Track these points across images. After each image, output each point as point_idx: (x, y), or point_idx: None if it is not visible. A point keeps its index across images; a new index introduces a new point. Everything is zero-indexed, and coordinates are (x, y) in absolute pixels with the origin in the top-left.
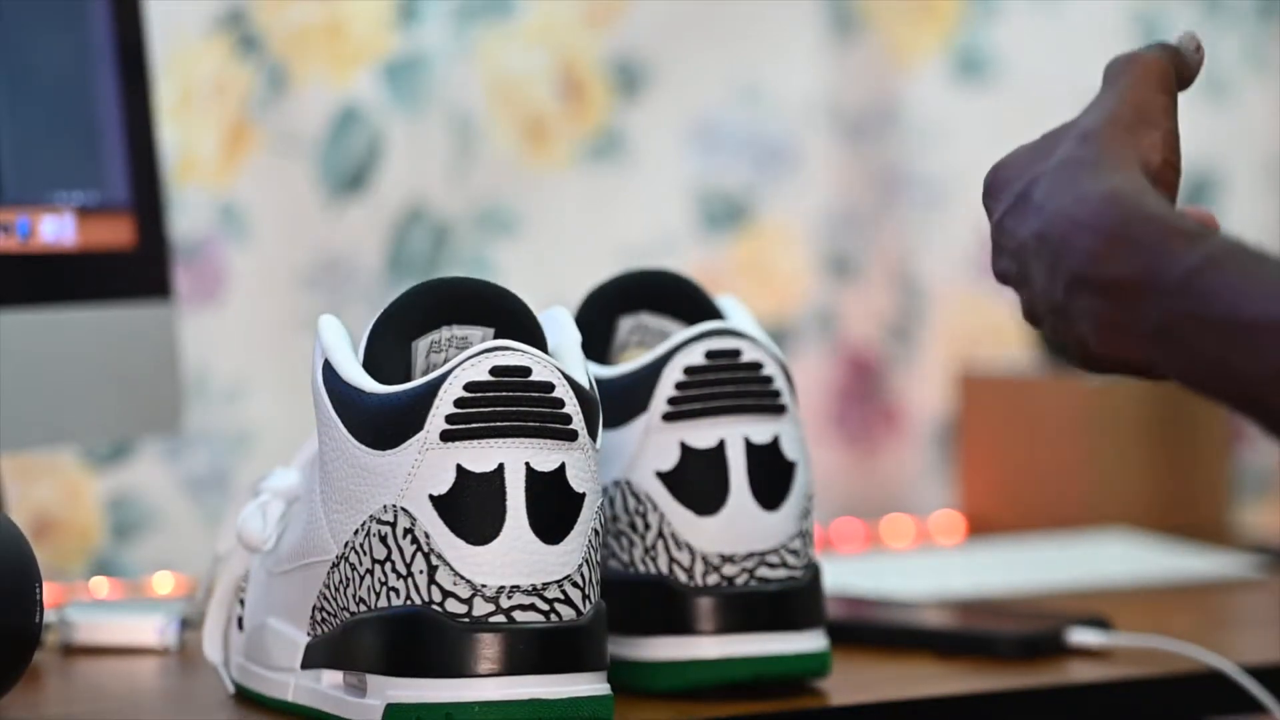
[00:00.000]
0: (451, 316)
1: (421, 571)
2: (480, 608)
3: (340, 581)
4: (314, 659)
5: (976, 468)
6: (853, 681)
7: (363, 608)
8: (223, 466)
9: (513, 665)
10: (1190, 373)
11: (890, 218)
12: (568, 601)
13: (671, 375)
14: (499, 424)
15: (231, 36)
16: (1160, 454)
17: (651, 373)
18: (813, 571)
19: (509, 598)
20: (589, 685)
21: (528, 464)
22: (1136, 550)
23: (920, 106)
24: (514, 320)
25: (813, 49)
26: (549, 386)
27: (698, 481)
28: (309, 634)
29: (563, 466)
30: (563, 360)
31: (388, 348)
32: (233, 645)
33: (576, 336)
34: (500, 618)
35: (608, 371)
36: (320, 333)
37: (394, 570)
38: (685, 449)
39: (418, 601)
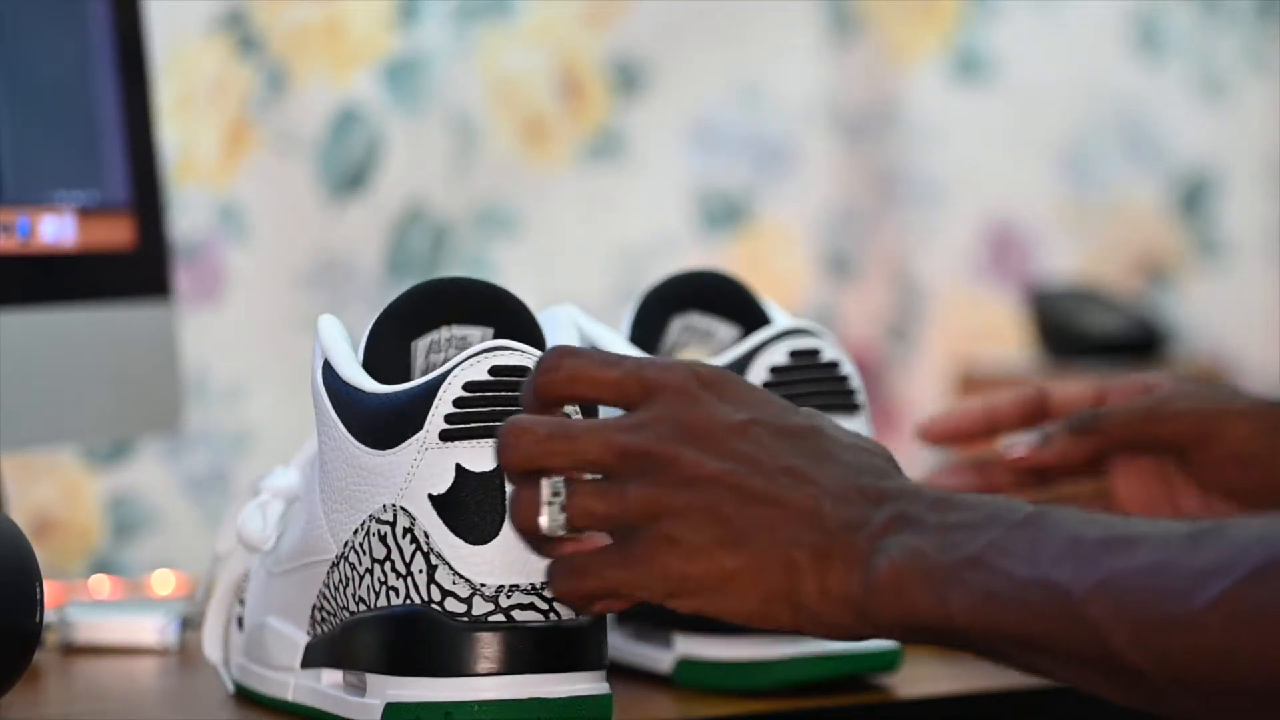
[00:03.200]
0: (451, 316)
1: (421, 571)
2: (479, 607)
3: (340, 581)
4: (314, 658)
5: None
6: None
7: (362, 607)
8: (222, 466)
9: (512, 664)
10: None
11: (889, 217)
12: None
13: (757, 375)
14: (499, 424)
15: (231, 37)
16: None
17: (735, 372)
18: None
19: (508, 597)
20: (589, 685)
21: None
22: None
23: (919, 106)
24: (514, 320)
25: (812, 49)
26: (521, 384)
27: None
28: (309, 633)
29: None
30: None
31: (388, 348)
32: (233, 645)
33: (575, 336)
34: (499, 617)
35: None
36: (320, 333)
37: (393, 570)
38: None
39: (417, 601)
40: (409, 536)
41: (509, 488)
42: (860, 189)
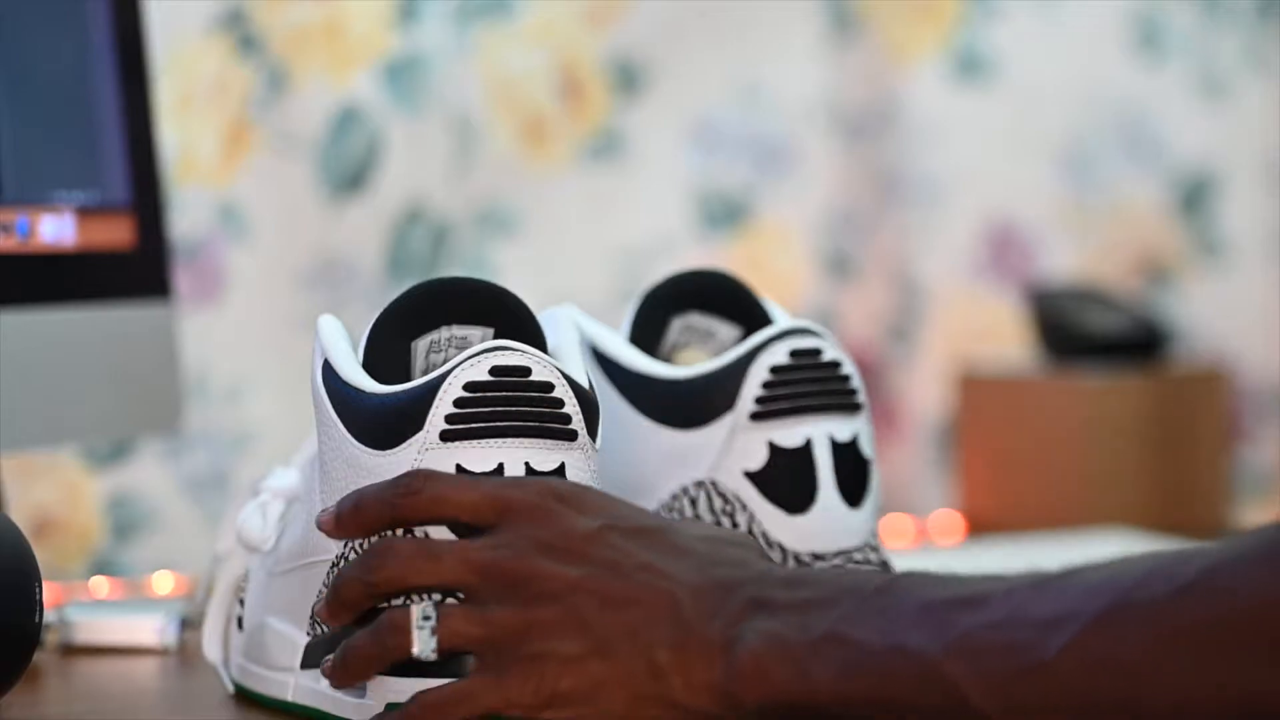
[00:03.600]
0: (451, 316)
1: None
2: None
3: None
4: (313, 658)
5: (975, 468)
6: None
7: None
8: (222, 466)
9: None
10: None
11: (889, 218)
12: None
13: (758, 375)
14: (499, 424)
15: (231, 36)
16: (1159, 454)
17: (735, 373)
18: (886, 567)
19: None
20: None
21: (527, 464)
22: (1135, 549)
23: (919, 106)
24: (513, 320)
25: (812, 49)
26: (549, 386)
27: (787, 480)
28: (309, 633)
29: (562, 466)
30: (562, 360)
31: (388, 348)
32: (233, 645)
33: (575, 336)
34: None
35: (680, 372)
36: (319, 333)
37: None
38: (774, 448)
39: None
40: (409, 537)
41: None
42: (860, 189)
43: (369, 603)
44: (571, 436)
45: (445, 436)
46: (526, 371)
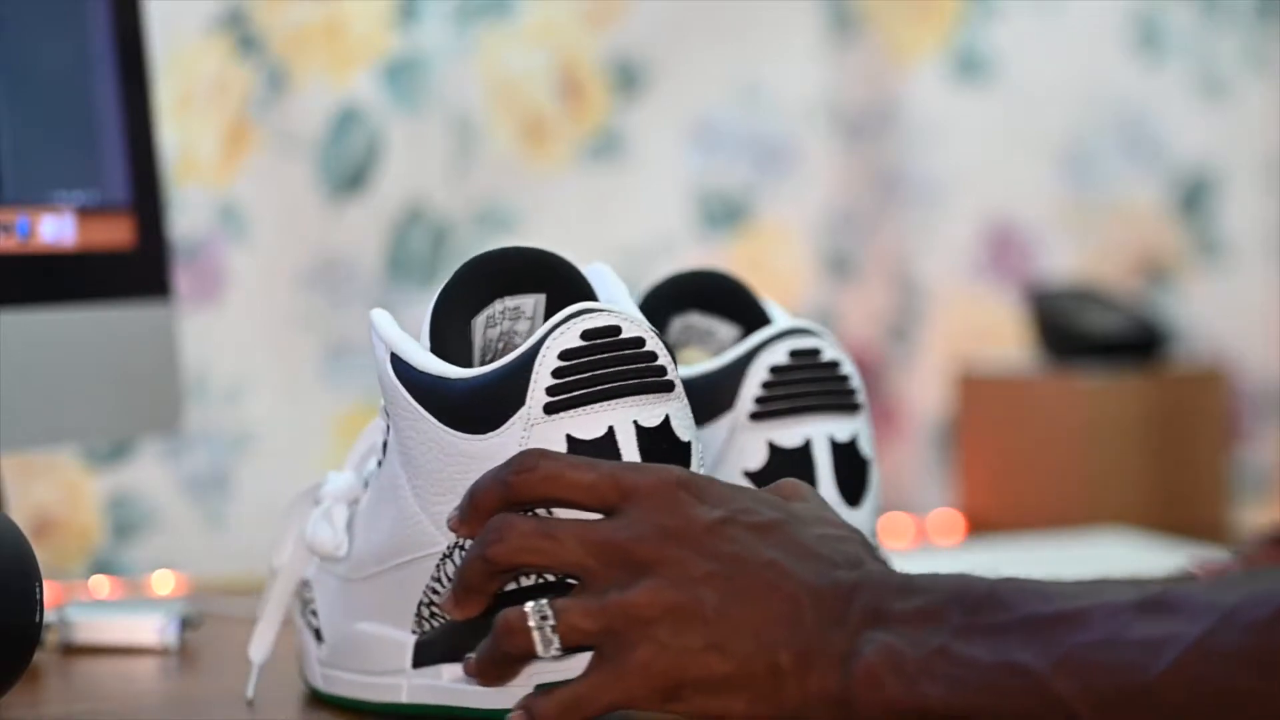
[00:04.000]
0: (503, 288)
1: None
2: None
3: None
4: (430, 655)
5: (975, 467)
6: None
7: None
8: (222, 466)
9: None
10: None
11: (889, 217)
12: None
13: (757, 375)
14: (601, 387)
15: (231, 36)
16: (1158, 453)
17: (735, 372)
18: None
19: None
20: None
21: (635, 422)
22: (1135, 549)
23: (919, 106)
24: (564, 283)
25: (812, 49)
26: (640, 342)
27: None
28: (415, 632)
29: (667, 418)
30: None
31: (449, 330)
32: (312, 656)
33: (624, 288)
34: None
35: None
36: (377, 328)
37: None
38: (773, 448)
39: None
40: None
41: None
42: (860, 189)
43: (493, 584)
44: (670, 388)
45: (549, 409)
46: (617, 330)
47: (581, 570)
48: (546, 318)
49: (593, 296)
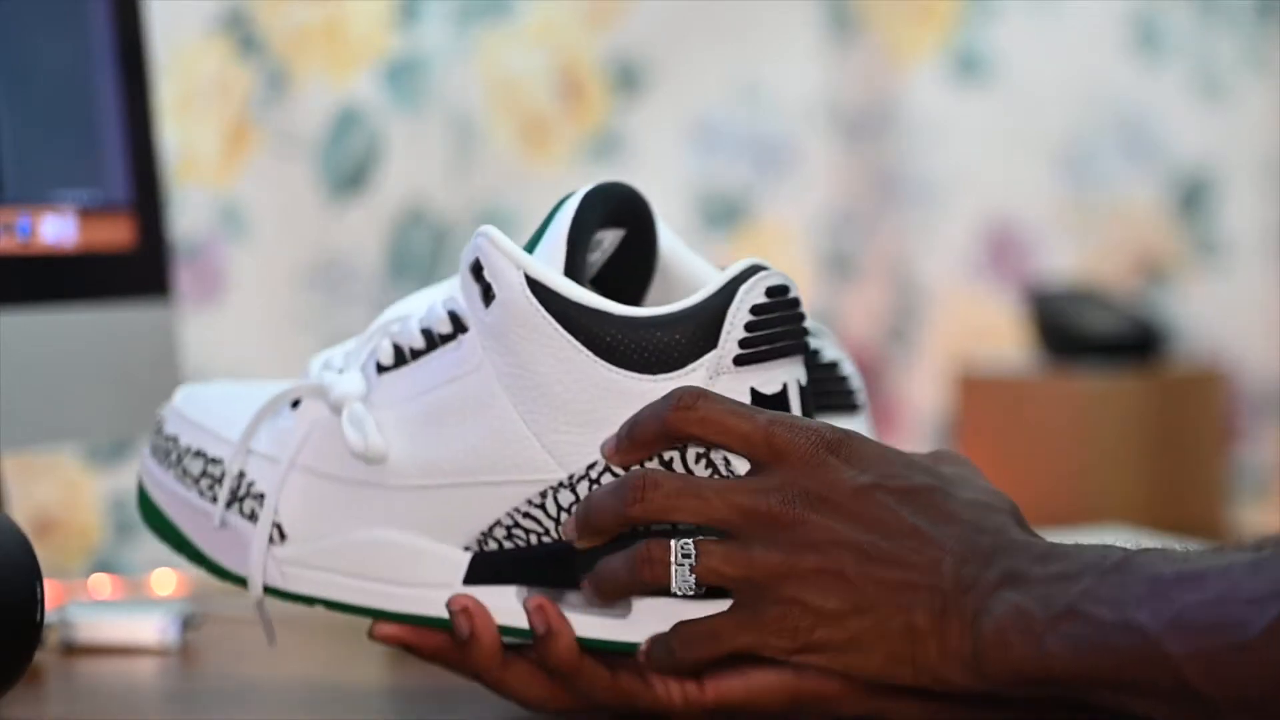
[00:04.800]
0: (603, 221)
1: None
2: None
3: (572, 503)
4: (487, 575)
5: None
6: None
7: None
8: None
9: None
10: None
11: (889, 218)
12: None
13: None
14: (781, 344)
15: (232, 37)
16: (1157, 453)
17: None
18: None
19: None
20: None
21: (799, 381)
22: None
23: (919, 106)
24: (642, 223)
25: (811, 49)
26: (799, 303)
27: None
28: (473, 549)
29: (811, 381)
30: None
31: (576, 259)
32: (260, 553)
33: (678, 240)
34: None
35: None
36: (505, 248)
37: None
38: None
39: None
40: (704, 461)
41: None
42: (859, 189)
43: (620, 529)
44: (809, 348)
45: (738, 360)
46: (787, 290)
47: (726, 527)
48: (619, 253)
49: (655, 241)
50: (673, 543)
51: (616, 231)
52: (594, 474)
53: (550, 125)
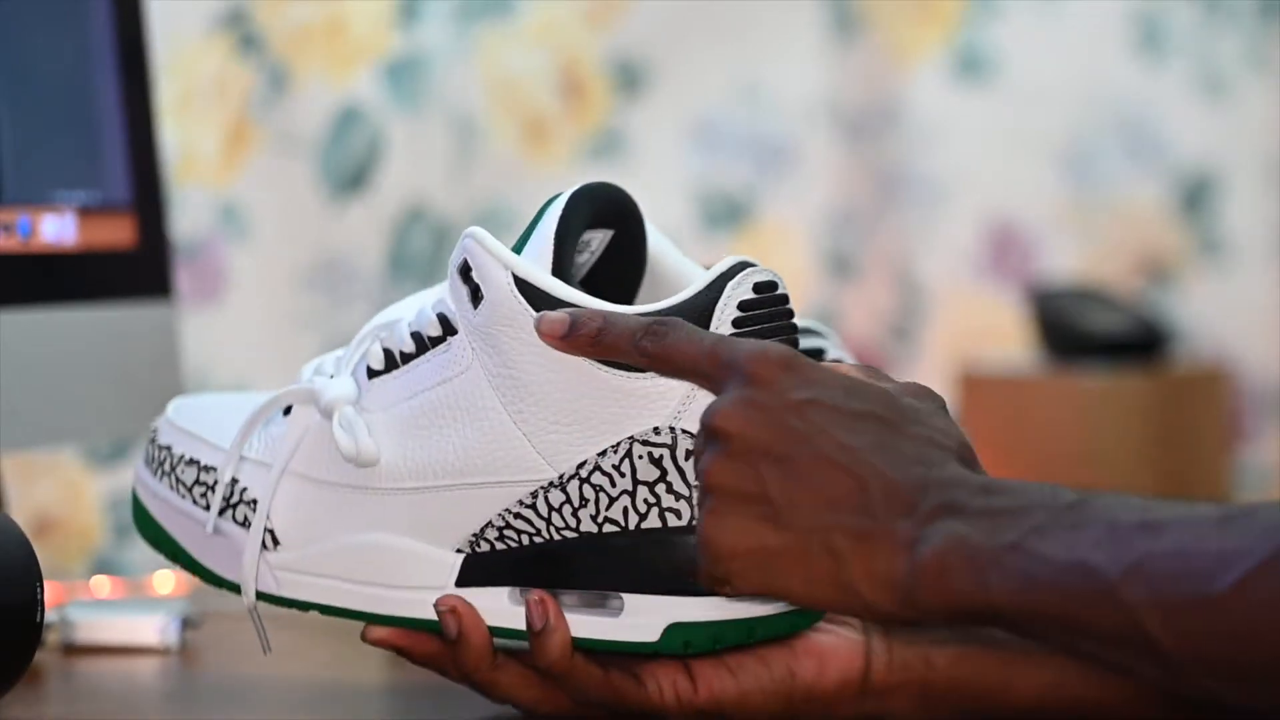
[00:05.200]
0: (590, 222)
1: None
2: None
3: (562, 502)
4: (479, 577)
5: None
6: None
7: (610, 527)
8: None
9: None
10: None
11: (890, 217)
12: None
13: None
14: (773, 338)
15: (232, 36)
16: (1160, 453)
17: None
18: None
19: None
20: None
21: None
22: None
23: (920, 106)
24: (631, 224)
25: (813, 49)
26: (787, 299)
27: None
28: (464, 550)
29: None
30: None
31: (563, 257)
32: (254, 559)
33: (667, 240)
34: None
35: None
36: (493, 249)
37: (671, 491)
38: None
39: None
40: (694, 458)
41: None
42: (861, 188)
43: (615, 355)
44: (798, 343)
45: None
46: (775, 286)
47: (703, 435)
48: (607, 254)
49: (645, 241)
50: None
51: (605, 232)
52: (584, 473)
53: (551, 125)
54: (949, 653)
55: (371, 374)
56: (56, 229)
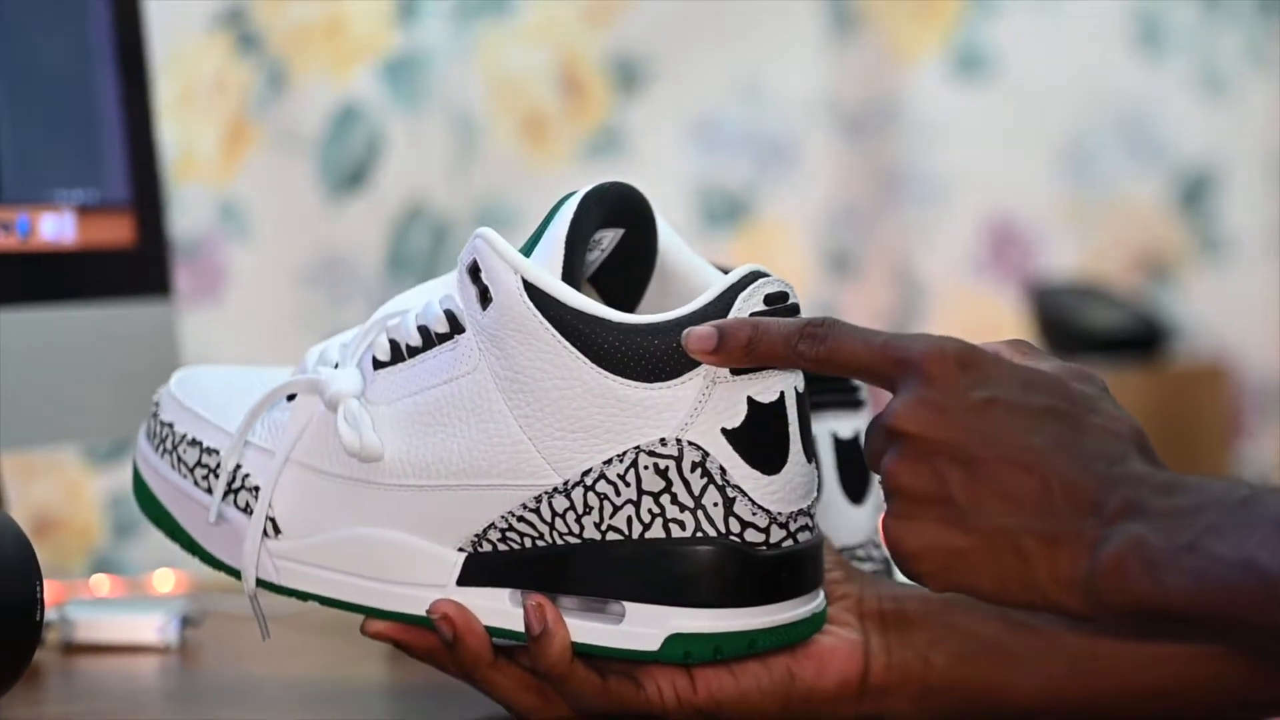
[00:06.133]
0: (602, 221)
1: (716, 504)
2: (776, 534)
3: (566, 508)
4: (481, 577)
5: None
6: None
7: (614, 535)
8: None
9: (806, 584)
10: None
11: (890, 215)
12: (813, 513)
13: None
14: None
15: (231, 35)
16: (1161, 449)
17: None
18: (889, 566)
19: (796, 521)
20: (822, 589)
21: (795, 388)
22: None
23: (920, 104)
24: (642, 222)
25: (813, 46)
26: (798, 309)
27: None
28: (466, 550)
29: (808, 388)
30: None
31: (574, 261)
32: (256, 547)
33: (678, 237)
34: (790, 542)
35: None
36: (503, 252)
37: (675, 502)
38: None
39: (711, 533)
40: (699, 471)
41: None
42: (861, 186)
43: (773, 363)
44: None
45: (736, 370)
46: (785, 297)
47: (887, 436)
48: (617, 252)
49: (656, 240)
50: None
51: (615, 231)
52: (589, 480)
53: (550, 123)
54: (949, 653)
55: (377, 364)
56: (55, 228)
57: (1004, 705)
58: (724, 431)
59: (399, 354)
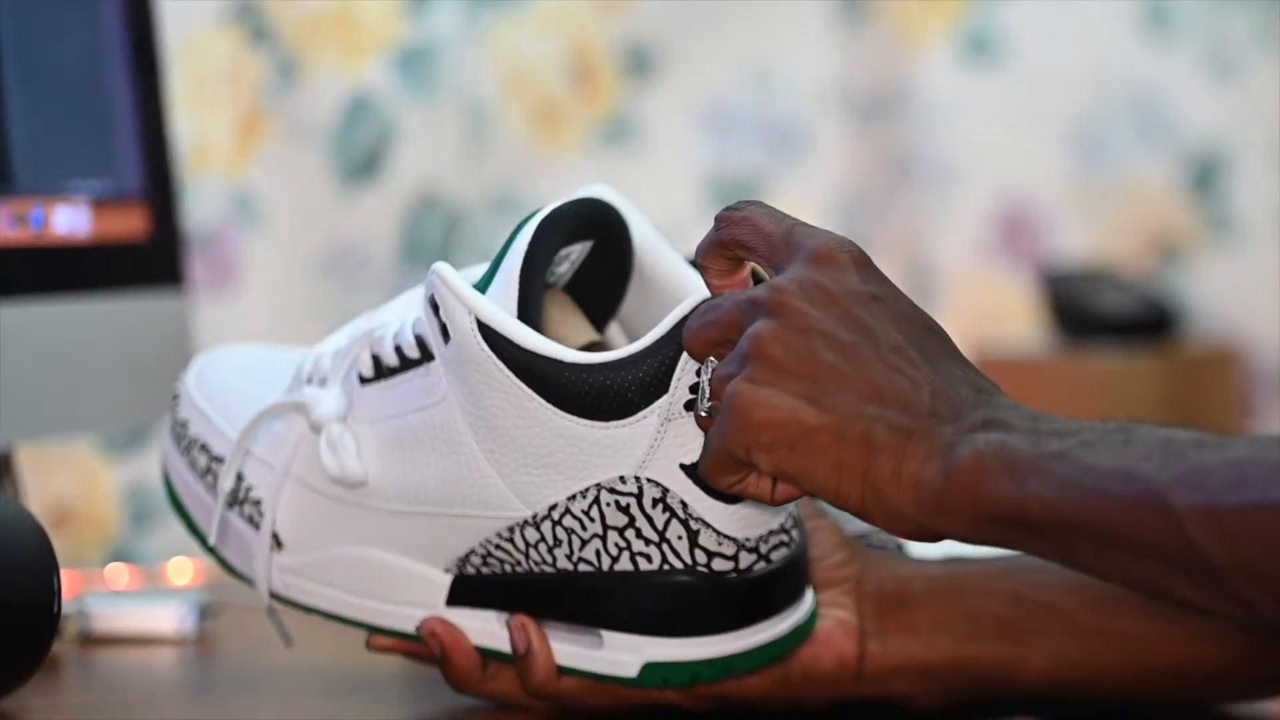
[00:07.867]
0: (566, 239)
1: (680, 537)
2: (746, 559)
3: (538, 540)
4: (469, 599)
5: None
6: None
7: (585, 567)
8: None
9: (784, 600)
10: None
11: (901, 200)
12: (796, 525)
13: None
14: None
15: (243, 26)
16: None
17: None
18: (902, 549)
19: (768, 541)
20: (810, 593)
21: None
22: None
23: (930, 88)
24: (612, 231)
25: (823, 33)
26: None
27: None
28: (452, 572)
29: None
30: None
31: (531, 291)
32: (264, 559)
33: (658, 236)
34: (763, 564)
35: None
36: (451, 285)
37: (640, 536)
38: None
39: (679, 565)
40: (660, 506)
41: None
42: (872, 171)
43: (716, 260)
44: None
45: (689, 405)
46: None
47: (741, 327)
48: (591, 261)
49: (631, 245)
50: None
51: (584, 244)
52: (555, 515)
53: (562, 111)
54: (956, 633)
55: (363, 380)
56: (69, 220)
57: (1014, 684)
58: (682, 467)
59: (381, 371)
